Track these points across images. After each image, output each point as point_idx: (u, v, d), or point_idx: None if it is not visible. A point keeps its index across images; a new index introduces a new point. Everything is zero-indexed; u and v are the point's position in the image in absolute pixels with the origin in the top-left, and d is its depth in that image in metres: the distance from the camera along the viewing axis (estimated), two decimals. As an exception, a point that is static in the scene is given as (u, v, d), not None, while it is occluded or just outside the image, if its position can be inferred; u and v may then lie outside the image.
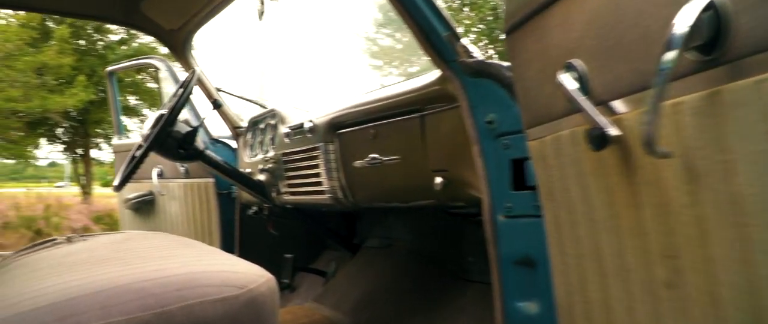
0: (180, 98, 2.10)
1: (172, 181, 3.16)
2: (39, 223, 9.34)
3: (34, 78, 11.01)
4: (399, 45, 12.57)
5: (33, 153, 12.84)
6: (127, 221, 3.54)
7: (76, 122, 12.15)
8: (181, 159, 2.25)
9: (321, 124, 1.96)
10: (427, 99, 1.52)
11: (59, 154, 14.71)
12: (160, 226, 3.29)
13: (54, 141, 13.34)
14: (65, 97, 11.05)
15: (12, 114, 10.70)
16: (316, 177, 2.00)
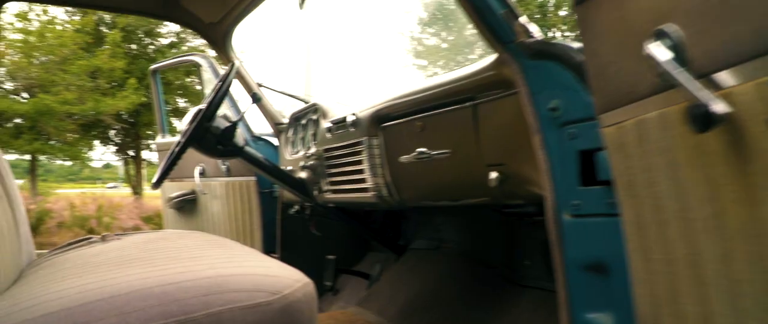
0: (218, 92, 2.01)
1: (213, 180, 3.09)
2: (91, 222, 9.53)
3: (87, 81, 11.28)
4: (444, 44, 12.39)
5: (87, 155, 13.15)
6: (170, 220, 3.49)
7: (127, 124, 12.40)
8: (219, 155, 2.16)
9: (364, 118, 1.83)
10: (480, 86, 1.37)
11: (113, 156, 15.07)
12: (202, 226, 3.23)
13: (107, 143, 13.67)
14: (117, 100, 11.27)
15: (67, 116, 10.98)
16: (359, 174, 1.87)
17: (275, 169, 2.27)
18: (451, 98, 1.47)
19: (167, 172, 2.03)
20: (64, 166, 21.94)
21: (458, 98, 1.45)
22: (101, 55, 11.35)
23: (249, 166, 2.25)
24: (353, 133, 1.88)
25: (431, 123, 1.56)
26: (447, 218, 2.17)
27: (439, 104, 1.52)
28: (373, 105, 1.81)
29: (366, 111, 1.83)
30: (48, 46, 11.23)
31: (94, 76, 11.49)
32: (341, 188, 2.02)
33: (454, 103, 1.46)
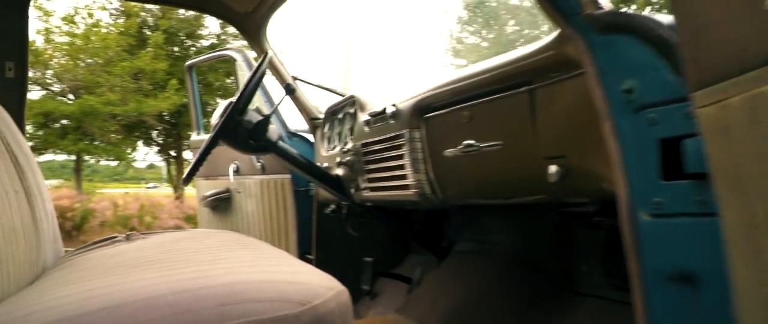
0: (250, 83, 1.89)
1: (248, 178, 2.98)
2: (133, 221, 9.62)
3: (130, 83, 11.43)
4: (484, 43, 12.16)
5: (131, 155, 13.33)
6: (205, 220, 3.40)
7: (169, 125, 12.52)
8: (251, 150, 2.04)
9: (405, 109, 1.68)
10: (539, 68, 1.20)
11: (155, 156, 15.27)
12: (236, 225, 3.12)
13: (149, 143, 13.84)
14: (159, 101, 11.38)
15: (111, 117, 11.14)
16: (399, 170, 1.72)
17: (310, 165, 2.14)
18: (503, 84, 1.31)
19: (196, 169, 1.92)
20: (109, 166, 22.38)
21: (512, 83, 1.28)
22: (144, 57, 11.48)
23: (283, 163, 2.13)
24: (393, 126, 1.73)
25: (480, 112, 1.40)
26: (494, 218, 2.00)
27: (490, 91, 1.35)
28: (415, 94, 1.66)
29: (407, 101, 1.68)
30: (93, 49, 11.43)
31: (137, 77, 11.64)
32: (380, 186, 1.87)
33: (506, 88, 1.30)
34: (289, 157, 2.09)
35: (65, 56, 11.33)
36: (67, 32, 11.40)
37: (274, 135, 2.05)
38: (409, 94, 1.69)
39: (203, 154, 1.88)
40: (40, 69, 11.19)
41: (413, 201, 1.72)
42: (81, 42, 11.39)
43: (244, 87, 1.87)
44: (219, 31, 12.73)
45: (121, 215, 9.93)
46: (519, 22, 11.38)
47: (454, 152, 1.47)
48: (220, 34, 12.89)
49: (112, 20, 12.40)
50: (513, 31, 11.76)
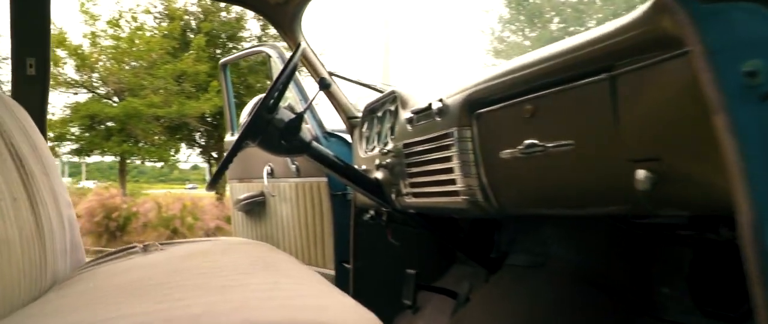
0: (281, 77, 1.70)
1: (282, 181, 2.80)
2: (175, 222, 9.63)
3: (173, 85, 11.49)
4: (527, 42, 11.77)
5: (174, 156, 13.44)
6: (239, 225, 3.24)
7: (210, 126, 12.56)
8: (283, 152, 1.85)
9: (453, 104, 1.46)
10: (624, 50, 0.97)
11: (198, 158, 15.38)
12: (270, 231, 2.95)
13: (192, 145, 13.93)
14: (201, 103, 11.42)
15: (154, 119, 11.21)
16: (446, 173, 1.50)
17: (346, 168, 1.94)
18: (576, 71, 1.08)
19: (221, 173, 1.74)
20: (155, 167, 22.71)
21: (588, 70, 1.05)
22: (186, 60, 11.54)
23: (317, 165, 1.93)
24: (440, 124, 1.51)
25: (546, 106, 1.17)
26: (554, 228, 1.76)
27: (559, 80, 1.12)
28: (464, 87, 1.44)
29: (455, 95, 1.46)
30: (137, 52, 11.54)
31: (180, 79, 11.70)
32: (424, 191, 1.66)
33: (580, 76, 1.07)
34: (324, 160, 1.90)
35: (110, 59, 11.46)
36: (113, 36, 11.54)
37: (308, 135, 1.86)
38: (457, 87, 1.47)
39: (229, 156, 1.70)
40: (87, 72, 11.35)
41: (462, 209, 1.50)
42: (126, 45, 11.51)
43: (274, 82, 1.69)
44: (260, 33, 12.71)
45: (164, 217, 9.94)
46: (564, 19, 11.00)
47: (512, 153, 1.24)
48: (260, 35, 12.86)
49: (155, 23, 12.52)
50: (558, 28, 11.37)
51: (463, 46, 24.96)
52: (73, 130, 11.29)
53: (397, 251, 2.28)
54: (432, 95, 1.61)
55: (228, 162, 1.71)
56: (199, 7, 12.84)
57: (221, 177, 1.76)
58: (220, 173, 1.74)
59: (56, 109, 11.57)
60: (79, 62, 11.19)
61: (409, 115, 1.69)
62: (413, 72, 17.75)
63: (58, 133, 11.11)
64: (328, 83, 1.82)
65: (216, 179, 1.76)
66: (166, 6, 12.46)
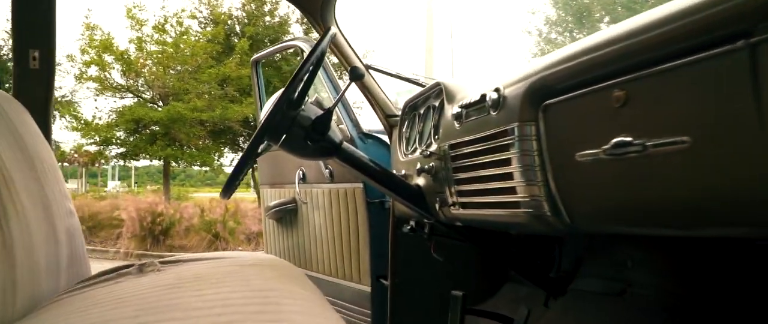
0: (306, 65, 1.43)
1: (315, 187, 2.54)
2: (217, 227, 9.53)
3: (217, 89, 11.45)
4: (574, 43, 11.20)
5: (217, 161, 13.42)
6: (270, 233, 3.00)
7: (253, 130, 12.46)
8: (309, 154, 1.59)
9: (514, 94, 1.16)
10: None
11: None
12: (302, 241, 2.69)
13: (235, 149, 13.90)
14: (243, 107, 11.34)
15: (197, 123, 11.18)
16: (504, 180, 1.21)
17: (383, 173, 1.66)
18: (694, 39, 0.77)
19: (235, 179, 1.48)
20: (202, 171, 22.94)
21: (714, 37, 0.74)
22: (230, 64, 11.48)
23: (350, 170, 1.66)
24: (495, 119, 1.22)
25: (645, 90, 0.86)
26: (636, 246, 1.43)
27: (665, 55, 0.82)
28: (529, 72, 1.14)
29: (517, 83, 1.16)
30: (182, 56, 11.54)
31: (223, 84, 11.65)
32: (474, 201, 1.36)
33: (702, 47, 0.76)
34: (357, 163, 1.62)
35: (156, 64, 11.50)
36: (158, 40, 11.58)
37: (338, 135, 1.59)
38: (518, 74, 1.18)
39: (244, 159, 1.44)
40: (132, 77, 11.41)
41: (523, 224, 1.21)
42: (171, 50, 11.54)
43: (296, 71, 1.42)
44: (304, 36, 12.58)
45: (206, 221, 9.86)
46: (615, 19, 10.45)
47: (593, 155, 0.94)
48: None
49: (200, 28, 12.54)
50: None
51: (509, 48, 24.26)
52: (118, 135, 11.36)
53: (440, 267, 1.98)
54: (485, 85, 1.31)
55: (242, 166, 1.45)
56: (244, 12, 12.81)
57: (236, 184, 1.51)
58: (234, 179, 1.48)
59: (102, 113, 11.69)
60: (125, 67, 11.26)
61: (457, 111, 1.40)
62: (457, 71, 17.22)
63: (103, 137, 11.19)
64: (361, 73, 1.54)
65: (230, 186, 1.51)
66: (211, 11, 12.47)
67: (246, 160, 1.44)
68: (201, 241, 9.38)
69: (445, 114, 1.51)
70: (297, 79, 1.42)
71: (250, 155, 1.43)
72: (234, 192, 1.57)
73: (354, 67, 1.58)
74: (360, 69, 1.57)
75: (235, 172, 1.46)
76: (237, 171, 1.46)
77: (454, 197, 1.47)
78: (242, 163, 1.44)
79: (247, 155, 1.43)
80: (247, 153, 1.42)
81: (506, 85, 1.20)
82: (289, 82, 1.43)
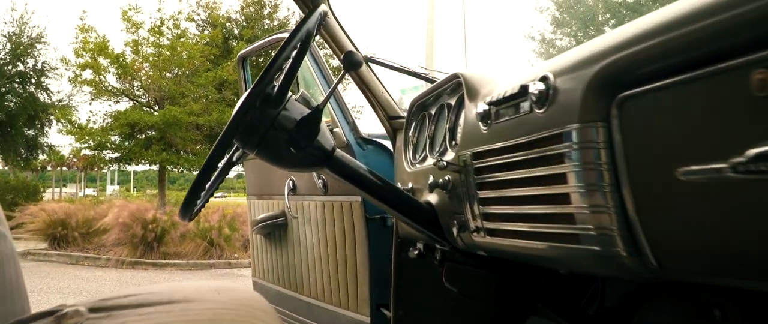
0: (287, 48, 1.10)
1: (307, 199, 2.20)
2: (212, 233, 9.17)
3: (214, 93, 11.13)
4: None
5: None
6: (257, 250, 2.65)
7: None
8: (291, 165, 1.25)
9: (572, 83, 0.82)
10: None
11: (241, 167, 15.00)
12: (292, 260, 2.35)
13: (233, 154, 13.53)
14: (241, 111, 10.96)
15: (194, 127, 10.85)
16: (554, 203, 0.86)
17: (386, 189, 1.31)
18: None
19: (195, 195, 1.14)
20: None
21: None
22: (227, 67, 11.17)
23: (345, 184, 1.32)
24: (543, 119, 0.87)
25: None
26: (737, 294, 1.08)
27: None
28: (593, 51, 0.80)
29: (575, 69, 0.82)
30: (179, 60, 11.22)
31: (220, 87, 11.33)
32: (508, 229, 1.02)
33: None
34: (354, 176, 1.28)
35: (152, 67, 11.17)
36: (154, 43, 11.25)
37: (331, 140, 1.25)
38: (578, 55, 0.84)
39: (204, 171, 1.09)
40: (128, 80, 11.08)
41: (582, 264, 0.87)
42: (167, 53, 11.21)
43: (274, 58, 1.08)
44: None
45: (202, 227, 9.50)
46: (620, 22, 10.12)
47: (712, 172, 0.61)
48: (302, 43, 12.40)
49: (198, 31, 12.23)
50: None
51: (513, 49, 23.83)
52: (113, 139, 11.01)
53: (453, 298, 1.65)
54: (523, 74, 0.97)
55: (202, 181, 1.10)
56: (243, 15, 12.50)
57: (196, 202, 1.17)
58: (193, 196, 1.14)
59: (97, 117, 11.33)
60: (121, 71, 10.92)
61: (483, 109, 1.05)
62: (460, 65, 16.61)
63: (98, 141, 10.83)
64: (358, 60, 1.20)
65: (189, 205, 1.17)
66: (209, 13, 12.16)
67: (206, 173, 1.09)
68: (196, 249, 9.02)
69: (466, 114, 1.17)
70: (275, 68, 1.08)
71: (212, 166, 1.09)
72: (197, 213, 1.23)
73: (349, 52, 1.24)
74: (356, 55, 1.22)
75: (194, 188, 1.12)
76: (196, 187, 1.12)
77: (477, 221, 1.13)
78: (202, 178, 1.10)
79: (208, 166, 1.08)
80: (209, 163, 1.08)
81: (558, 72, 0.86)
82: (263, 70, 1.09)
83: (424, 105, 1.54)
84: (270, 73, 1.07)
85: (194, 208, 1.18)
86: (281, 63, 1.07)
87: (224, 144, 1.07)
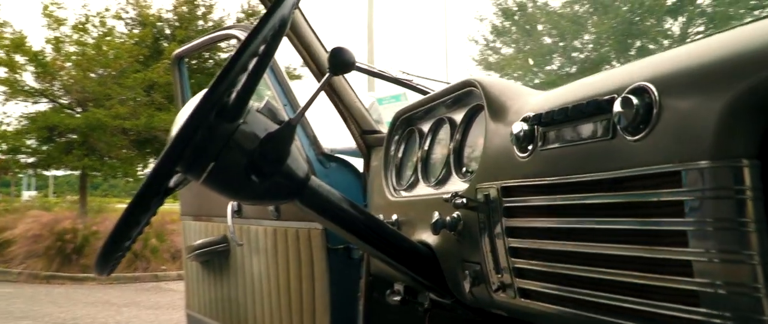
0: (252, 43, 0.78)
1: (254, 223, 1.87)
2: (137, 246, 8.54)
3: (142, 95, 10.46)
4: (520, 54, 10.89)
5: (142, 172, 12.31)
6: (193, 280, 2.28)
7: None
8: (255, 196, 0.93)
9: (696, 99, 0.55)
10: None
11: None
12: (235, 295, 2.00)
13: (162, 160, 12.79)
14: (171, 115, 10.37)
15: (120, 132, 10.12)
16: (660, 272, 0.59)
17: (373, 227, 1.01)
18: None
19: (118, 244, 0.80)
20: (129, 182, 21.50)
21: None
22: (157, 69, 10.51)
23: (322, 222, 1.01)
24: (638, 150, 0.60)
25: None
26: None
27: None
28: (737, 52, 0.53)
29: (708, 81, 0.55)
30: (105, 59, 10.47)
31: (150, 90, 10.66)
32: (563, 295, 0.74)
33: None
34: (332, 211, 0.98)
35: (75, 67, 10.36)
36: (78, 41, 10.45)
37: (304, 166, 0.94)
38: (696, 55, 0.57)
39: (131, 213, 0.76)
40: (48, 80, 10.23)
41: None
42: (92, 52, 10.43)
43: (231, 60, 0.77)
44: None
45: (127, 237, 8.83)
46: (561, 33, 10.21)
47: None
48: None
49: (127, 30, 11.48)
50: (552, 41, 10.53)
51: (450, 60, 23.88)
52: (29, 143, 10.11)
53: None
54: (591, 84, 0.70)
55: (129, 225, 0.77)
56: (175, 14, 11.84)
57: (118, 252, 0.84)
58: (114, 246, 0.80)
59: (12, 119, 10.39)
60: (40, 69, 10.05)
61: (523, 128, 0.77)
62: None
63: (11, 145, 9.91)
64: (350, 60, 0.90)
65: (109, 255, 0.83)
66: (139, 12, 11.44)
67: (135, 215, 0.76)
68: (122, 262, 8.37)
69: (489, 134, 0.89)
70: (237, 67, 0.76)
71: (144, 206, 0.76)
72: (115, 266, 0.89)
73: (339, 49, 0.93)
74: (348, 53, 0.92)
75: (117, 235, 0.78)
76: (119, 234, 0.78)
77: (503, 276, 0.84)
78: (128, 221, 0.76)
79: (139, 206, 0.75)
80: (140, 202, 0.75)
81: (666, 83, 0.59)
82: (222, 70, 0.77)
83: (411, 119, 1.25)
84: (231, 75, 0.75)
85: (115, 258, 0.84)
86: (246, 60, 0.76)
87: (163, 175, 0.75)
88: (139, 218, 0.77)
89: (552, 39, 10.64)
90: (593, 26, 9.95)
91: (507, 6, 11.32)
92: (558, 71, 10.53)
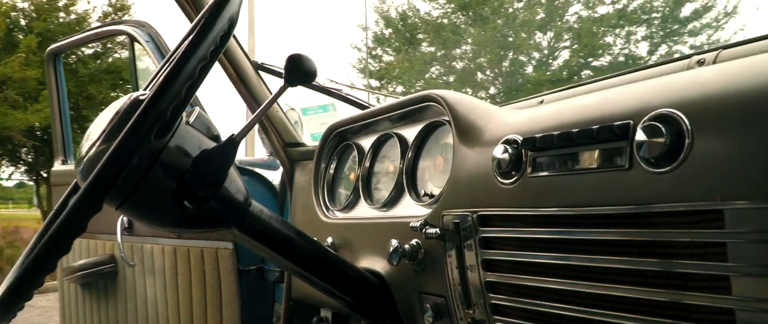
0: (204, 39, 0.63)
1: (149, 241, 1.64)
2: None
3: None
4: (405, 62, 11.00)
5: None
6: (71, 303, 1.98)
7: (40, 142, 10.41)
8: (181, 224, 0.76)
9: (743, 130, 0.50)
10: None
11: (23, 175, 12.85)
12: (125, 322, 1.75)
13: (17, 162, 11.49)
14: (28, 114, 9.39)
15: (-34, 130, 8.95)
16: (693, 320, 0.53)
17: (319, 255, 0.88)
18: None
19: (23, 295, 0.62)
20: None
21: None
22: (12, 63, 9.41)
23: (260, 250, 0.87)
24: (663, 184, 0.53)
25: None
26: None
27: None
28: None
29: (749, 98, 0.50)
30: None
31: (3, 86, 9.53)
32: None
33: None
34: (274, 239, 0.84)
35: None
36: None
37: (243, 189, 0.80)
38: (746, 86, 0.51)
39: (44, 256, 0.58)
40: None
41: None
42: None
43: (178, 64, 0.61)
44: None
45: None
46: (443, 43, 10.44)
47: None
48: (106, 42, 10.94)
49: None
50: (429, 51, 10.74)
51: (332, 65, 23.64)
52: None
53: None
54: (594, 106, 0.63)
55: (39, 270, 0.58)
56: (32, 4, 10.68)
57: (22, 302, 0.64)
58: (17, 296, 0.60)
59: None
60: None
61: (505, 152, 0.69)
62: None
63: None
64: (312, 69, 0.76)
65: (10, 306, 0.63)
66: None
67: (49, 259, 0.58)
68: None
69: (460, 156, 0.79)
70: (178, 79, 0.60)
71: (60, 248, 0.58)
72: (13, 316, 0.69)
73: (297, 56, 0.79)
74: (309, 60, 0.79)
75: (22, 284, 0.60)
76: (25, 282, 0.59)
77: (474, 311, 0.76)
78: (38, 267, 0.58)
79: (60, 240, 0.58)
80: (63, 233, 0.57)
81: (698, 109, 0.53)
82: (161, 82, 0.61)
83: (346, 133, 1.13)
84: (177, 84, 0.59)
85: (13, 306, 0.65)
86: (194, 67, 0.60)
87: (90, 207, 0.58)
88: (55, 261, 0.59)
89: (429, 49, 10.90)
90: (470, 37, 10.32)
91: (388, 14, 11.44)
92: (436, 80, 10.80)
